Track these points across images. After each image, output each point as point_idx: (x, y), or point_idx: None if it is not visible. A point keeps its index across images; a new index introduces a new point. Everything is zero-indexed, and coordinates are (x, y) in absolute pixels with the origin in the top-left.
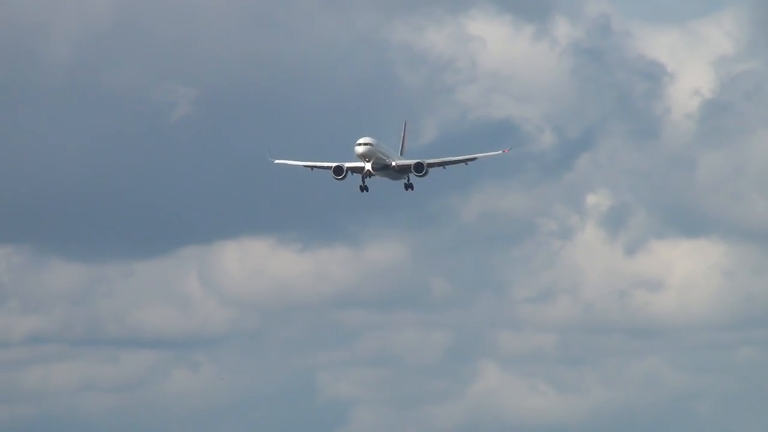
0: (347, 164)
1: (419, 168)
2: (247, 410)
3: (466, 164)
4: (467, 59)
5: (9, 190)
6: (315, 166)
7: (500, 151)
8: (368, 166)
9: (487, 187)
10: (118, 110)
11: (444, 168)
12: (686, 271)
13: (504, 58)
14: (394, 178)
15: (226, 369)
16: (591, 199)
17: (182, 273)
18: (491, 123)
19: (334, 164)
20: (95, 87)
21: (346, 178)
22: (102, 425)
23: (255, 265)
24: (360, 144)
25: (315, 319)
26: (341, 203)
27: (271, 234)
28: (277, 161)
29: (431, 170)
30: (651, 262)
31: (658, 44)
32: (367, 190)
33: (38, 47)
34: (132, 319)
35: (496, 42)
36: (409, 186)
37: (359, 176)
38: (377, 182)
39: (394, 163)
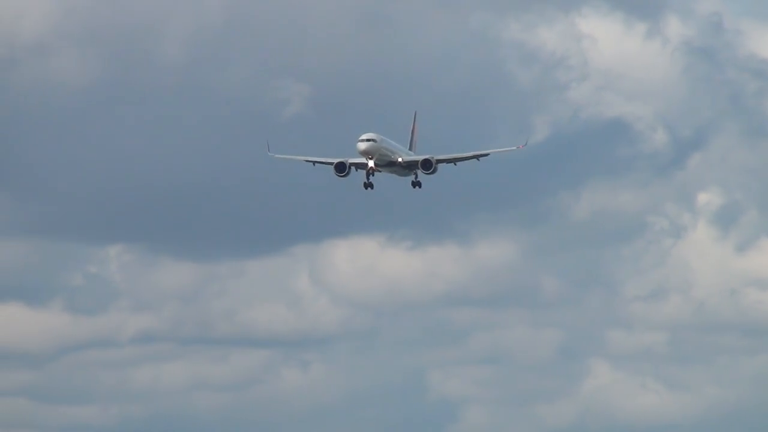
0: (351, 160)
1: (427, 165)
2: (357, 409)
3: (478, 160)
4: (579, 57)
5: (121, 189)
6: (317, 162)
7: (515, 147)
8: (371, 162)
9: (599, 186)
10: (230, 108)
11: (455, 165)
12: None
13: (615, 57)
14: (401, 175)
15: (337, 368)
16: (702, 198)
17: (293, 271)
18: (603, 121)
19: (336, 160)
20: (207, 85)
21: (350, 174)
22: (212, 424)
23: (365, 263)
24: (362, 140)
25: (425, 317)
26: (451, 201)
27: (381, 232)
28: (276, 156)
29: (441, 167)
30: (762, 260)
31: None
32: (372, 188)
33: (151, 47)
34: (242, 318)
35: (607, 40)
36: (416, 183)
37: (363, 173)
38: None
39: (400, 159)
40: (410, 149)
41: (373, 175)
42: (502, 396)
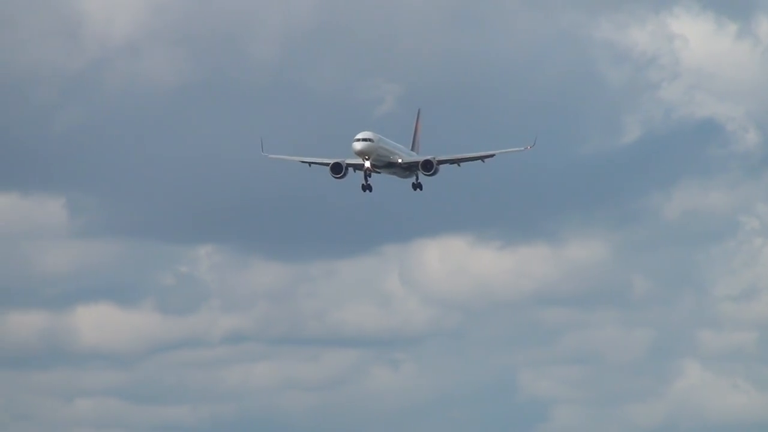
0: (348, 161)
1: (428, 166)
2: (446, 409)
3: (483, 161)
4: (670, 57)
5: (212, 189)
6: (313, 162)
7: (522, 148)
8: (368, 163)
9: (690, 186)
10: (322, 107)
11: (459, 165)
12: None
13: (706, 57)
14: (402, 177)
15: (427, 367)
16: None
17: (382, 271)
18: (694, 121)
19: (332, 161)
20: (298, 85)
21: (347, 176)
22: (301, 424)
23: (455, 263)
24: (358, 140)
25: (515, 317)
26: (541, 200)
27: (470, 232)
28: (271, 156)
29: (443, 168)
30: None
31: None
32: (371, 190)
33: (242, 46)
34: (332, 318)
35: (698, 40)
36: (417, 186)
37: (362, 174)
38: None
39: (400, 160)
40: (413, 149)
41: (370, 176)
42: (592, 396)
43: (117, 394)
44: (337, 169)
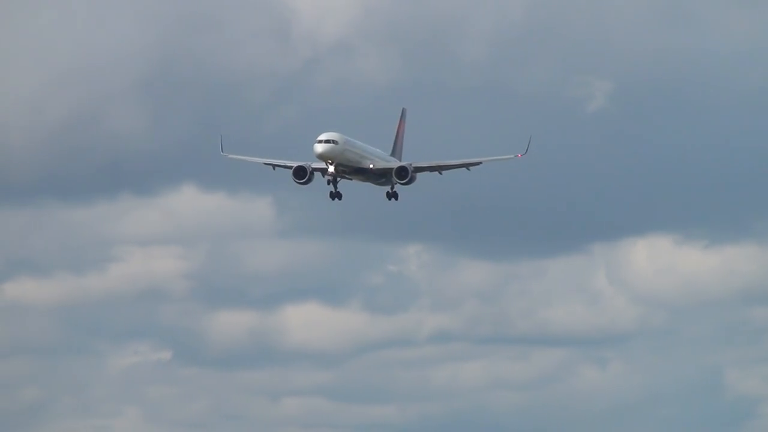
0: (313, 165)
1: (402, 173)
2: (653, 407)
3: (468, 169)
4: None
5: None
6: (276, 165)
7: (512, 156)
8: (331, 168)
9: None
10: (532, 106)
11: (440, 174)
12: None
13: None
14: (378, 184)
15: (634, 366)
16: None
17: (590, 270)
18: None
19: (295, 164)
20: (511, 84)
21: (311, 181)
22: (509, 424)
23: (662, 261)
24: (320, 141)
25: (722, 316)
26: (749, 198)
27: (677, 230)
28: (230, 156)
29: (422, 176)
30: None
31: None
32: (340, 198)
33: (451, 45)
34: (539, 317)
35: None
36: (392, 195)
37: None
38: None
39: (371, 166)
40: (393, 154)
41: (338, 183)
42: None
43: (324, 393)
44: (301, 174)
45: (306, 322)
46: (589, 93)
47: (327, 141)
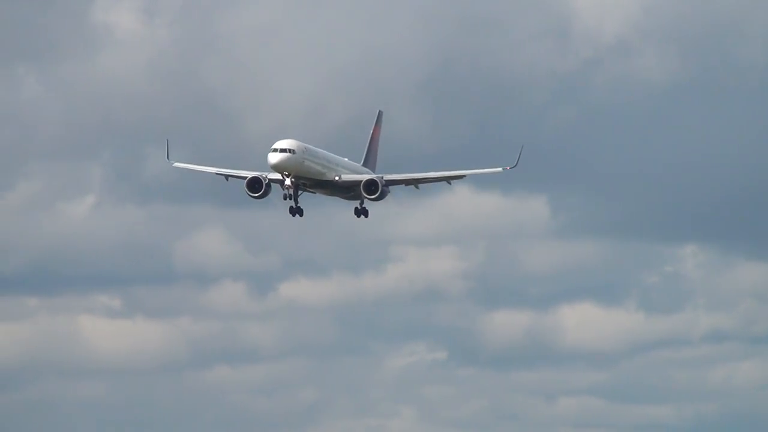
0: (270, 176)
1: (371, 187)
2: None
3: (449, 183)
4: None
5: (694, 189)
6: (229, 175)
7: (500, 169)
8: (288, 180)
9: None
10: None
11: (417, 188)
12: None
13: None
14: (346, 198)
15: None
16: None
17: None
18: None
19: (249, 174)
20: None
21: (268, 194)
22: None
23: None
24: (274, 150)
25: None
26: None
27: None
28: (175, 164)
29: (395, 189)
30: None
31: None
32: (301, 214)
33: (734, 46)
34: None
35: None
36: (361, 211)
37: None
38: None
39: (337, 178)
40: (366, 164)
41: (298, 196)
42: None
43: (599, 393)
44: (255, 187)
45: (582, 322)
46: None
47: (282, 150)
